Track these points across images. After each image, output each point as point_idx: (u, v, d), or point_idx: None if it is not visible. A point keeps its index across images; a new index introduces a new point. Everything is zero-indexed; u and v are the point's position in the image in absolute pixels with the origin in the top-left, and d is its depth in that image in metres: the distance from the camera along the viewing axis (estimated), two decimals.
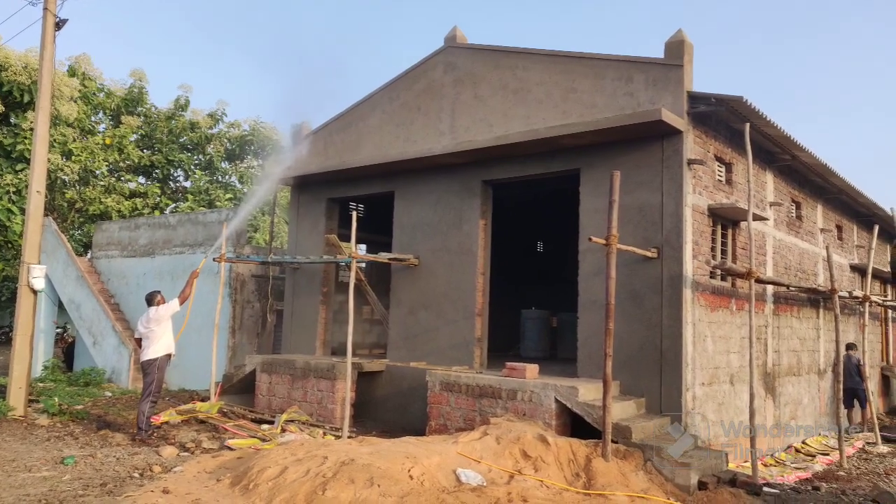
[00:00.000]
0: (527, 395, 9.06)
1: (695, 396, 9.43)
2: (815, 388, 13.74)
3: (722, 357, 10.25)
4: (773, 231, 12.43)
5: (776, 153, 11.98)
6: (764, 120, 10.11)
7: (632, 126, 9.46)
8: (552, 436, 8.25)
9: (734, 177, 11.05)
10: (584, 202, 10.29)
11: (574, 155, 10.42)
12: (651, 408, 9.35)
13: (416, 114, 12.45)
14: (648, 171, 9.75)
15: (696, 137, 9.88)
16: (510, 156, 10.98)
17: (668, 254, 9.48)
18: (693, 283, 9.56)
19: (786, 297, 12.68)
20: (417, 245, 12.07)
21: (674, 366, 9.24)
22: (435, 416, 9.88)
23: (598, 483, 7.56)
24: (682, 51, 9.70)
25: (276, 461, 6.84)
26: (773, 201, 12.36)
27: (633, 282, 9.64)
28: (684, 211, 9.46)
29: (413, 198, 12.30)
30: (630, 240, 9.31)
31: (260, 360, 12.55)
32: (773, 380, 11.90)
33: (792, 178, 13.29)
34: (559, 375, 9.92)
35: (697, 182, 9.89)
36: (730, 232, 11.05)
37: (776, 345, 12.14)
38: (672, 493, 7.74)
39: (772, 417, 11.76)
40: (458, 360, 11.07)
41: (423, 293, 11.85)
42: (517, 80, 11.16)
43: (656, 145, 9.71)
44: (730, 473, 8.59)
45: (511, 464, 7.70)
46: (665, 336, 9.35)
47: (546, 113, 10.75)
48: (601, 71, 10.34)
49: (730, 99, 9.45)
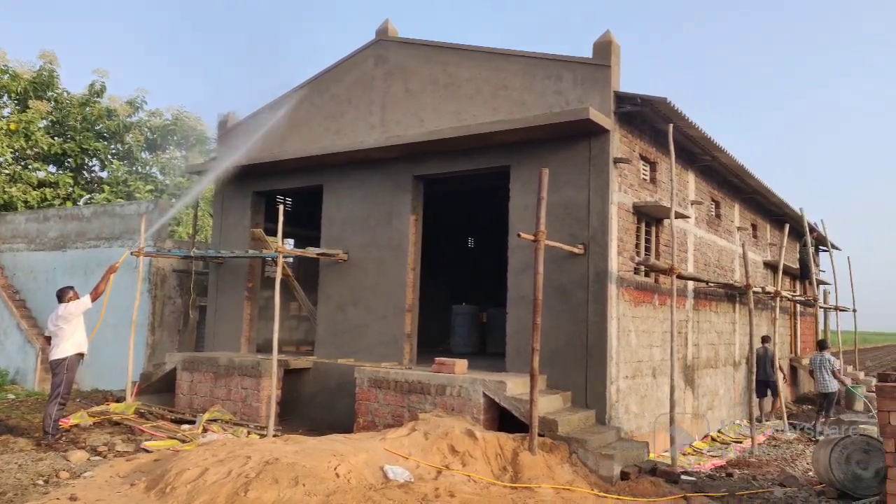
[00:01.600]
0: (455, 391, 9.06)
1: (619, 389, 9.66)
2: (730, 379, 14.34)
3: (645, 351, 10.54)
4: (695, 229, 12.87)
5: (698, 154, 12.41)
6: (686, 121, 10.43)
7: (560, 124, 9.59)
8: (480, 430, 8.28)
9: (658, 176, 11.37)
10: (513, 199, 10.37)
11: (504, 151, 10.48)
12: (577, 401, 9.52)
13: (346, 106, 12.26)
14: (576, 169, 9.91)
15: (622, 137, 10.10)
16: (441, 151, 10.95)
17: (594, 250, 9.65)
18: (618, 279, 9.78)
19: (705, 292, 13.16)
20: (347, 240, 11.90)
21: (599, 360, 9.43)
22: (363, 412, 9.77)
23: (525, 476, 7.64)
24: (610, 51, 9.89)
25: (195, 462, 6.58)
26: (695, 200, 12.80)
27: (560, 277, 9.78)
28: (610, 208, 9.65)
29: (342, 192, 12.12)
30: (558, 236, 9.44)
31: (181, 357, 12.10)
32: (692, 372, 12.34)
33: (712, 178, 13.80)
34: (488, 370, 9.97)
35: (623, 180, 10.11)
36: (653, 229, 11.37)
37: (696, 338, 12.59)
38: (596, 484, 7.90)
39: (690, 408, 12.20)
40: (387, 357, 10.98)
41: (353, 289, 11.70)
42: (448, 75, 11.14)
43: (584, 144, 9.87)
44: (651, 463, 8.86)
45: (439, 459, 7.68)
46: (591, 331, 9.53)
47: (477, 109, 10.77)
48: (531, 69, 10.43)
49: (654, 100, 9.70)
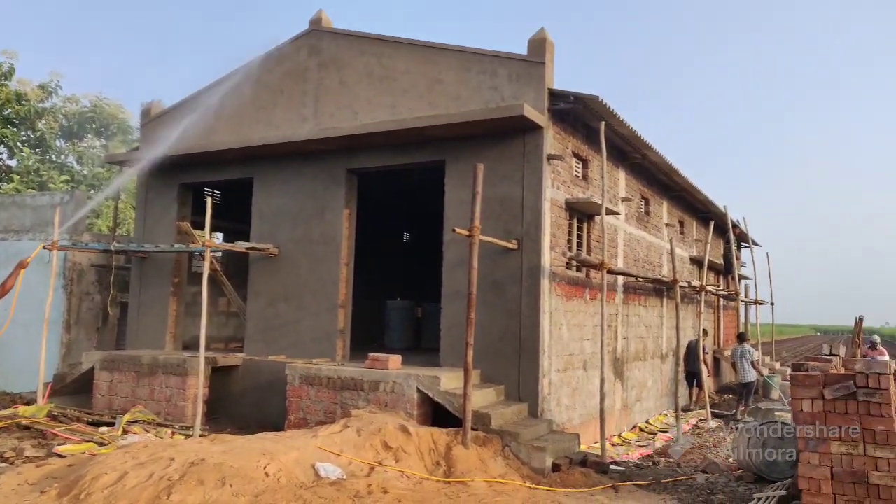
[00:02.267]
0: (389, 386, 8.99)
1: (551, 382, 9.79)
2: (657, 371, 14.77)
3: (576, 344, 10.72)
4: (625, 225, 13.17)
5: (628, 152, 12.69)
6: (617, 119, 10.64)
7: (495, 120, 9.63)
8: (414, 426, 8.24)
9: (590, 173, 11.57)
10: (448, 193, 10.35)
11: (440, 146, 10.45)
12: (510, 394, 9.59)
13: (278, 97, 11.97)
14: (510, 165, 9.97)
15: (555, 133, 10.22)
16: (376, 145, 10.83)
17: (527, 245, 9.74)
18: (551, 274, 9.90)
19: (634, 287, 13.49)
20: (278, 234, 11.63)
21: (532, 353, 9.53)
22: (294, 410, 9.58)
23: (458, 470, 7.66)
24: (545, 49, 9.99)
25: (113, 466, 6.27)
26: (625, 197, 13.09)
27: (494, 272, 9.83)
28: (543, 204, 9.76)
29: (274, 185, 11.83)
30: (492, 231, 9.48)
31: (100, 356, 11.57)
32: (622, 365, 12.63)
33: (642, 176, 14.14)
34: (422, 365, 9.94)
35: (556, 177, 10.24)
36: (585, 225, 11.57)
37: (625, 332, 12.90)
38: (528, 477, 7.99)
39: (620, 400, 12.49)
40: (319, 353, 10.80)
41: (284, 284, 11.44)
42: (383, 68, 11.01)
43: (518, 140, 9.94)
44: (581, 454, 9.02)
45: (372, 455, 7.60)
46: (524, 325, 9.63)
47: (412, 103, 10.70)
48: (466, 64, 10.43)
49: (587, 97, 9.84)
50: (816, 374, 6.56)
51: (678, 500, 7.37)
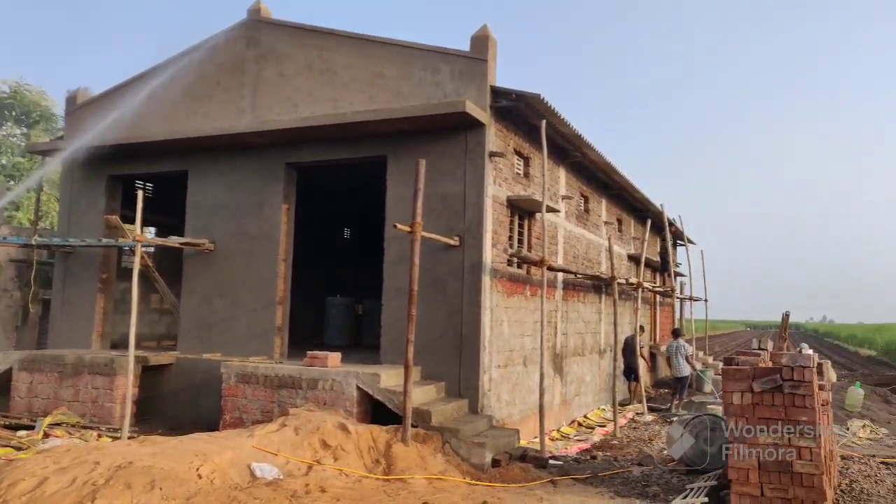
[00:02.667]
0: (328, 384, 8.85)
1: (491, 378, 9.83)
2: (596, 366, 15.04)
3: (517, 340, 10.79)
4: (565, 222, 13.34)
5: (569, 150, 12.84)
6: (558, 118, 10.74)
7: (437, 116, 9.59)
8: (353, 424, 8.14)
9: (531, 170, 11.66)
10: (390, 189, 10.26)
11: (381, 141, 10.35)
12: (450, 391, 9.59)
13: (214, 89, 11.61)
14: (452, 162, 9.95)
15: (497, 131, 10.26)
16: (316, 139, 10.65)
17: (469, 242, 9.75)
18: (492, 271, 9.93)
19: (574, 283, 13.69)
20: (213, 229, 11.30)
21: (472, 350, 9.55)
22: (230, 409, 9.33)
23: (398, 468, 7.60)
24: (487, 46, 10.00)
25: (32, 472, 5.94)
26: (566, 195, 13.26)
27: (436, 269, 9.80)
28: (485, 201, 9.78)
29: (210, 178, 11.49)
30: (434, 228, 9.44)
31: (18, 356, 11.00)
32: (561, 360, 12.80)
33: (582, 174, 14.35)
34: (363, 363, 9.83)
35: (498, 174, 10.27)
36: (526, 222, 11.65)
37: (564, 328, 13.07)
38: (468, 473, 8.00)
39: (559, 395, 12.66)
40: (257, 351, 10.55)
41: (220, 280, 11.13)
42: (324, 61, 10.83)
43: (461, 136, 9.93)
44: (521, 450, 9.09)
45: (310, 454, 7.47)
46: (465, 321, 9.63)
47: (353, 97, 10.56)
48: (408, 59, 10.35)
49: (528, 96, 9.90)
50: (746, 368, 6.76)
51: (615, 493, 7.50)
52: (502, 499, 7.12)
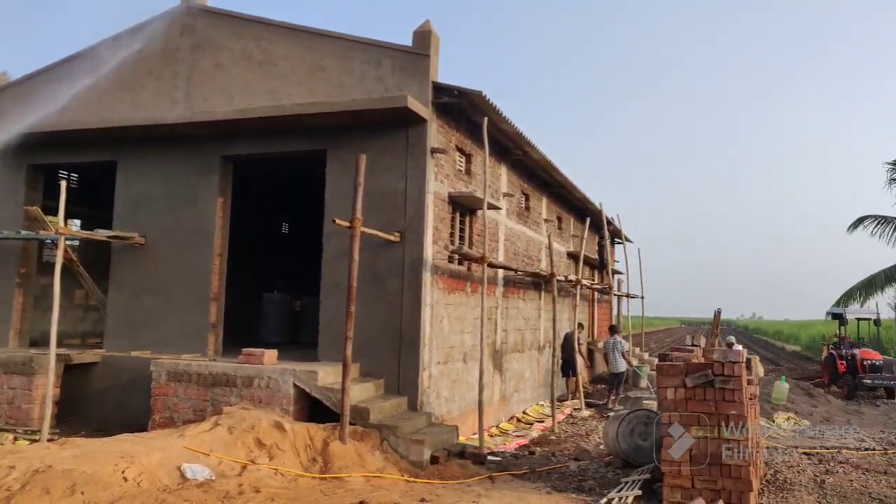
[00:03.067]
0: (264, 382, 8.65)
1: (431, 375, 9.79)
2: (535, 362, 15.19)
3: (457, 337, 10.79)
4: (506, 220, 13.41)
5: (510, 148, 12.91)
6: (500, 116, 10.77)
7: (379, 111, 9.49)
8: (289, 422, 7.98)
9: (473, 167, 11.67)
10: (330, 184, 10.11)
11: (321, 135, 10.18)
12: (390, 388, 9.51)
13: (146, 77, 11.18)
14: (394, 157, 9.87)
15: (439, 127, 10.21)
16: (253, 131, 10.38)
17: (410, 238, 9.69)
18: (433, 267, 9.89)
19: (514, 280, 13.78)
20: (144, 222, 10.89)
21: (412, 347, 9.49)
22: (160, 409, 9.01)
23: (335, 466, 7.50)
24: (430, 41, 9.94)
25: None
26: (507, 192, 13.33)
27: (376, 265, 9.70)
28: (427, 197, 9.73)
29: (140, 169, 11.06)
30: (374, 223, 9.33)
31: None
32: (501, 356, 12.87)
33: (523, 172, 14.46)
34: (300, 360, 9.64)
35: (440, 170, 10.24)
36: (468, 219, 11.66)
37: (505, 324, 13.15)
38: (406, 470, 7.96)
39: (499, 391, 12.73)
40: (189, 348, 10.21)
41: (150, 276, 10.73)
42: (262, 51, 10.56)
43: (402, 132, 9.85)
44: (459, 446, 9.10)
45: (244, 454, 7.27)
46: (405, 318, 9.57)
47: (292, 89, 10.34)
48: (349, 52, 10.20)
49: (470, 93, 9.89)
50: (679, 364, 6.93)
51: (551, 488, 7.57)
52: (440, 496, 7.09)
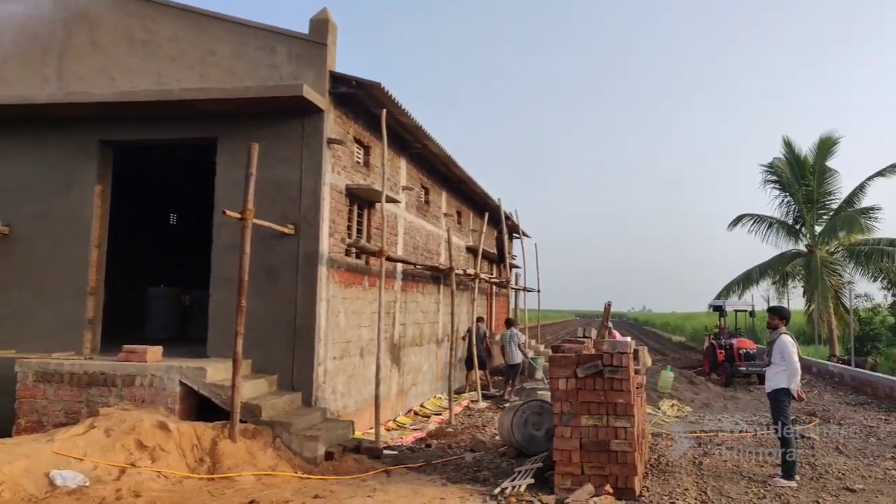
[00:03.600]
0: (147, 380, 8.18)
1: (326, 370, 9.61)
2: (433, 356, 15.25)
3: (354, 331, 10.64)
4: (405, 213, 13.36)
5: (410, 141, 12.85)
6: (399, 108, 10.69)
7: (273, 99, 9.20)
8: (175, 422, 7.59)
9: (372, 159, 11.53)
10: (220, 173, 9.71)
11: (212, 122, 9.76)
12: (283, 384, 9.26)
13: (10, 51, 10.29)
14: (289, 147, 9.60)
15: (336, 118, 10.02)
16: (137, 115, 9.81)
17: (305, 231, 9.46)
18: (329, 261, 9.70)
19: (413, 274, 13.76)
20: (10, 210, 10.03)
21: (307, 341, 9.28)
22: (26, 412, 8.30)
23: (225, 466, 7.23)
24: (327, 30, 9.74)
25: None
26: (406, 186, 13.28)
27: (269, 258, 9.42)
28: (323, 189, 9.53)
29: (6, 153, 10.19)
30: (268, 215, 9.04)
31: None
32: (399, 350, 12.82)
33: (422, 166, 14.45)
34: (188, 356, 9.20)
35: (337, 162, 10.04)
36: (366, 212, 11.52)
37: (403, 318, 13.11)
38: (300, 467, 7.78)
39: (396, 385, 12.68)
40: (63, 346, 9.51)
41: (17, 268, 9.91)
42: (146, 31, 9.98)
43: (297, 121, 9.60)
44: (355, 441, 8.99)
45: (123, 457, 6.86)
46: (300, 312, 9.34)
47: (181, 73, 9.84)
48: (243, 37, 9.83)
49: (369, 84, 9.75)
50: (571, 355, 7.12)
51: (447, 479, 7.60)
52: (335, 491, 6.97)
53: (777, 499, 6.91)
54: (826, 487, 7.37)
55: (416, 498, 6.76)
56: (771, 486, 7.32)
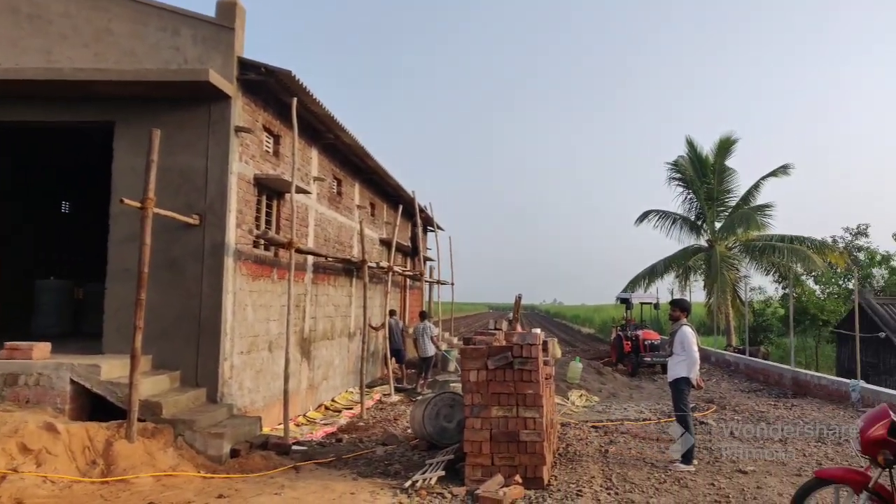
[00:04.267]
0: (33, 379, 7.65)
1: (233, 366, 9.30)
2: (345, 349, 15.06)
3: (262, 325, 10.35)
4: (316, 204, 13.09)
5: (322, 131, 12.59)
6: (310, 97, 10.45)
7: (177, 84, 8.79)
8: (64, 422, 7.13)
9: (282, 149, 11.23)
10: (118, 159, 9.20)
11: (109, 105, 9.24)
12: (186, 380, 8.90)
13: None
14: (193, 134, 9.21)
15: (245, 105, 9.69)
16: (24, 96, 9.13)
17: (211, 221, 9.11)
18: (236, 252, 9.38)
19: (324, 266, 13.51)
20: None
21: (212, 336, 8.95)
22: None
23: (120, 468, 6.87)
24: (235, 14, 9.39)
25: None
26: (318, 176, 13.00)
27: (172, 249, 9.02)
28: (230, 179, 9.20)
29: None
30: (170, 204, 8.64)
31: None
32: (309, 344, 12.57)
33: (335, 157, 14.19)
34: (81, 353, 8.68)
35: (245, 150, 9.72)
36: (275, 203, 11.21)
37: (314, 311, 12.86)
38: (203, 466, 7.50)
39: (306, 380, 12.43)
40: None
41: None
42: (33, 5, 9.31)
43: (203, 108, 9.23)
44: (262, 437, 8.75)
45: (4, 462, 6.38)
46: (205, 306, 9.00)
47: (74, 52, 9.24)
48: (143, 17, 9.34)
49: (279, 71, 9.47)
50: (482, 347, 7.18)
51: (357, 474, 7.53)
52: (240, 490, 6.76)
53: (677, 483, 7.22)
54: (721, 470, 7.78)
55: (326, 494, 6.65)
56: (671, 472, 7.65)
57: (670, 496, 6.73)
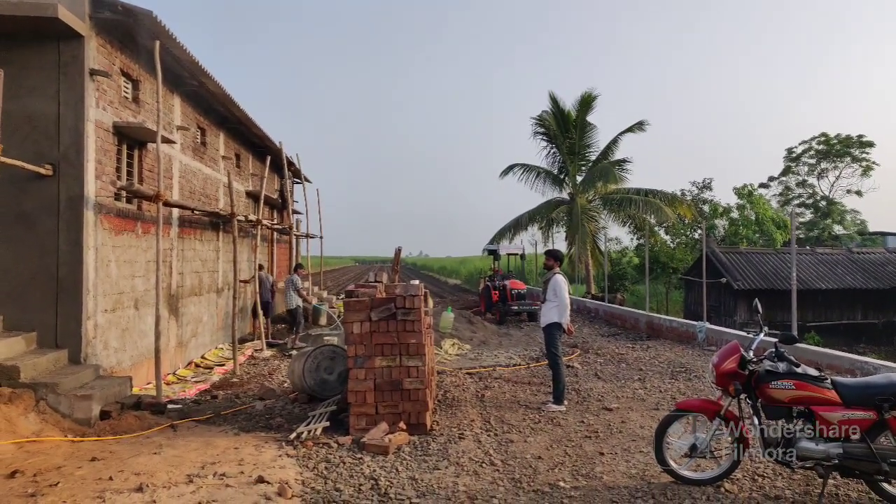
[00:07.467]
0: None
1: (97, 325, 8.82)
2: (214, 305, 14.61)
3: (127, 282, 9.84)
4: (181, 155, 12.43)
5: (185, 77, 11.86)
6: (173, 41, 9.82)
7: (20, 19, 7.97)
8: None
9: (142, 95, 10.52)
10: None
11: None
12: (45, 342, 8.34)
13: None
14: (42, 76, 8.44)
15: (100, 46, 8.97)
16: None
17: (66, 172, 8.46)
18: (96, 206, 8.80)
19: (190, 220, 12.94)
20: None
21: (73, 294, 8.42)
22: None
23: None
24: None
25: None
26: (181, 125, 12.31)
27: (22, 202, 8.32)
28: (86, 126, 8.55)
29: None
30: (18, 153, 7.91)
31: None
32: (177, 301, 12.10)
33: (199, 105, 13.47)
34: None
35: (102, 96, 9.03)
36: (137, 153, 10.55)
37: (181, 267, 12.34)
38: (71, 430, 7.16)
39: (175, 337, 12.00)
40: None
41: None
42: None
43: (52, 47, 8.45)
44: (134, 398, 8.44)
45: None
46: (62, 263, 8.42)
47: None
48: None
49: (139, 11, 8.82)
50: (365, 300, 7.30)
51: (239, 429, 7.49)
52: (115, 452, 6.53)
53: (550, 422, 7.82)
54: (589, 409, 8.49)
55: (209, 450, 6.58)
56: (545, 412, 8.26)
57: (545, 434, 7.29)
